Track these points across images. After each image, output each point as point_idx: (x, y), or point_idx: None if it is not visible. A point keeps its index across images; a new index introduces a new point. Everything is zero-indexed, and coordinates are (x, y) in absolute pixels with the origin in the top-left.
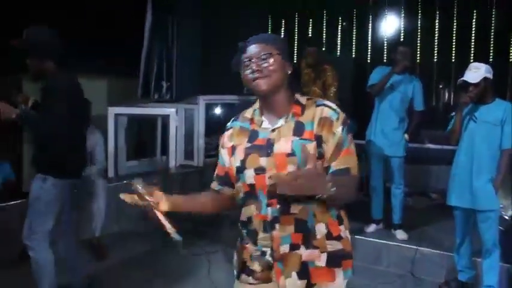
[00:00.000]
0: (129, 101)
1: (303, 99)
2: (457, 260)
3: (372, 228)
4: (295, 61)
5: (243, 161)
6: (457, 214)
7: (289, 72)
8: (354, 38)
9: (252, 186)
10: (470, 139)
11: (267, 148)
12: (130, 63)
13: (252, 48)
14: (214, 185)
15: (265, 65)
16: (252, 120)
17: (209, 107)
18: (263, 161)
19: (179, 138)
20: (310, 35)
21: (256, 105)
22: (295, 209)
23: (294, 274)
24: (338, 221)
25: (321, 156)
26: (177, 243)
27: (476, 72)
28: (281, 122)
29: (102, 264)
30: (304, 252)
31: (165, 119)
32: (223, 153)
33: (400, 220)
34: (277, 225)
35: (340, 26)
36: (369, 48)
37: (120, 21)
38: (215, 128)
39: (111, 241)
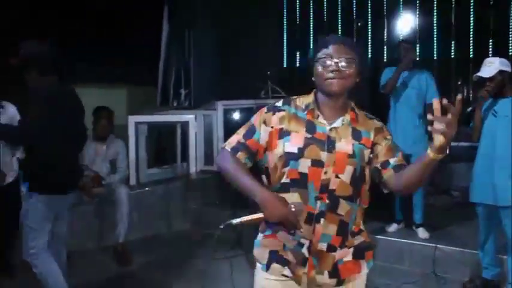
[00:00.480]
0: (148, 110)
1: (356, 108)
2: (482, 257)
3: (393, 227)
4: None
5: (301, 150)
6: (479, 211)
7: (358, 80)
8: (369, 37)
9: (303, 175)
10: (491, 134)
11: (328, 144)
12: (149, 72)
13: (336, 48)
14: (242, 156)
15: (345, 68)
16: (308, 111)
17: (227, 112)
18: (323, 156)
19: (199, 144)
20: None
21: (310, 97)
22: (342, 210)
23: (326, 272)
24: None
25: (370, 162)
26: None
27: (490, 67)
28: (338, 122)
29: (126, 269)
30: (338, 253)
31: (184, 125)
32: (265, 130)
33: (422, 219)
34: (322, 220)
35: (355, 25)
36: (385, 47)
37: (138, 30)
38: (234, 132)
39: (135, 247)
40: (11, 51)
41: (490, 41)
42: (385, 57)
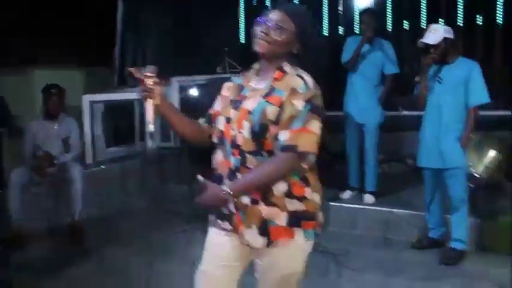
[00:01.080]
0: (106, 90)
1: (288, 68)
2: (428, 219)
3: (347, 194)
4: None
5: (220, 110)
6: (426, 174)
7: (295, 52)
8: (324, 9)
9: (222, 133)
10: (437, 100)
11: (238, 102)
12: (105, 54)
13: (274, 13)
14: (201, 120)
15: (274, 34)
16: (245, 77)
17: (183, 89)
18: (232, 113)
19: (155, 121)
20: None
21: (257, 65)
22: (250, 163)
23: (254, 226)
24: (303, 182)
25: (278, 122)
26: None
27: (436, 34)
28: (263, 84)
29: (81, 247)
30: (264, 209)
31: (141, 103)
32: (217, 99)
33: (374, 187)
34: (238, 175)
35: None
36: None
37: (93, 11)
38: (190, 107)
39: (91, 225)
40: None
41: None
42: (343, 30)
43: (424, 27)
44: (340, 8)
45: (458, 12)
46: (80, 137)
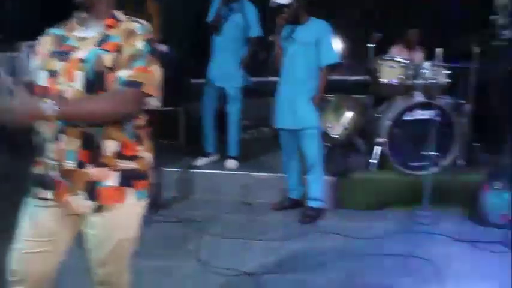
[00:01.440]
0: None
1: (120, 15)
2: (287, 179)
3: (202, 161)
4: None
5: (41, 64)
6: (282, 135)
7: None
8: None
9: (45, 89)
10: (291, 62)
11: (66, 53)
12: None
13: None
14: None
15: None
16: (66, 27)
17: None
18: (58, 65)
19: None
20: None
21: (80, 14)
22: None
23: (80, 193)
24: (136, 141)
25: (117, 68)
26: None
27: None
28: (92, 33)
29: None
30: (92, 171)
31: None
32: (31, 59)
33: (236, 152)
34: (64, 136)
35: None
36: None
37: None
38: None
39: None
40: None
41: None
42: None
43: None
44: None
45: None
46: None
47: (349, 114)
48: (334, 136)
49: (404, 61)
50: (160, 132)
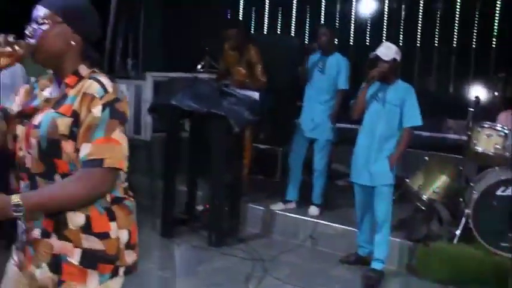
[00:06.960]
0: None
1: (84, 71)
2: (358, 236)
3: (278, 206)
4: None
5: (9, 124)
6: (356, 190)
7: (74, 43)
8: (293, 19)
9: (13, 154)
10: (372, 119)
11: (27, 117)
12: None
13: (34, 11)
14: None
15: (38, 30)
16: (40, 85)
17: (157, 84)
18: (18, 129)
19: (130, 113)
20: (240, 18)
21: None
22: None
23: (44, 265)
24: (108, 216)
25: (74, 136)
26: None
27: (388, 51)
28: (56, 93)
29: None
30: (56, 243)
31: None
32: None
33: (319, 200)
34: None
35: (281, 9)
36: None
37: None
38: None
39: None
40: None
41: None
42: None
43: None
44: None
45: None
46: None
47: (442, 178)
48: (423, 198)
49: (504, 130)
50: (259, 169)
